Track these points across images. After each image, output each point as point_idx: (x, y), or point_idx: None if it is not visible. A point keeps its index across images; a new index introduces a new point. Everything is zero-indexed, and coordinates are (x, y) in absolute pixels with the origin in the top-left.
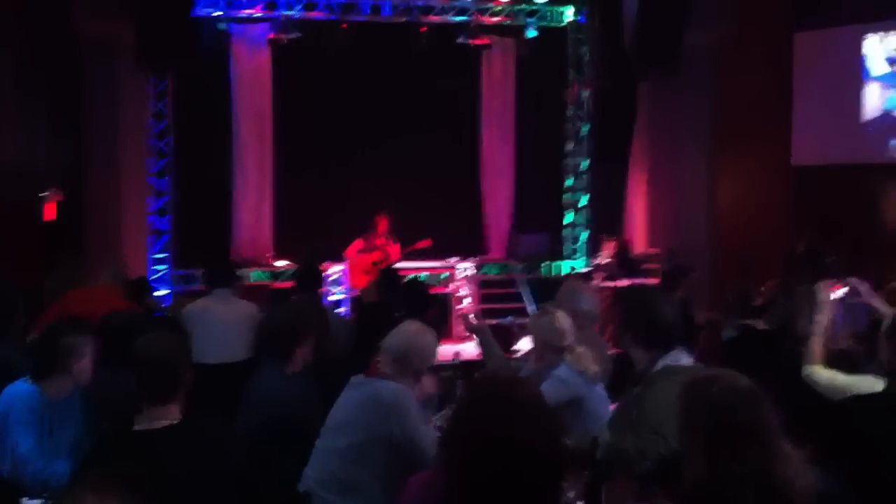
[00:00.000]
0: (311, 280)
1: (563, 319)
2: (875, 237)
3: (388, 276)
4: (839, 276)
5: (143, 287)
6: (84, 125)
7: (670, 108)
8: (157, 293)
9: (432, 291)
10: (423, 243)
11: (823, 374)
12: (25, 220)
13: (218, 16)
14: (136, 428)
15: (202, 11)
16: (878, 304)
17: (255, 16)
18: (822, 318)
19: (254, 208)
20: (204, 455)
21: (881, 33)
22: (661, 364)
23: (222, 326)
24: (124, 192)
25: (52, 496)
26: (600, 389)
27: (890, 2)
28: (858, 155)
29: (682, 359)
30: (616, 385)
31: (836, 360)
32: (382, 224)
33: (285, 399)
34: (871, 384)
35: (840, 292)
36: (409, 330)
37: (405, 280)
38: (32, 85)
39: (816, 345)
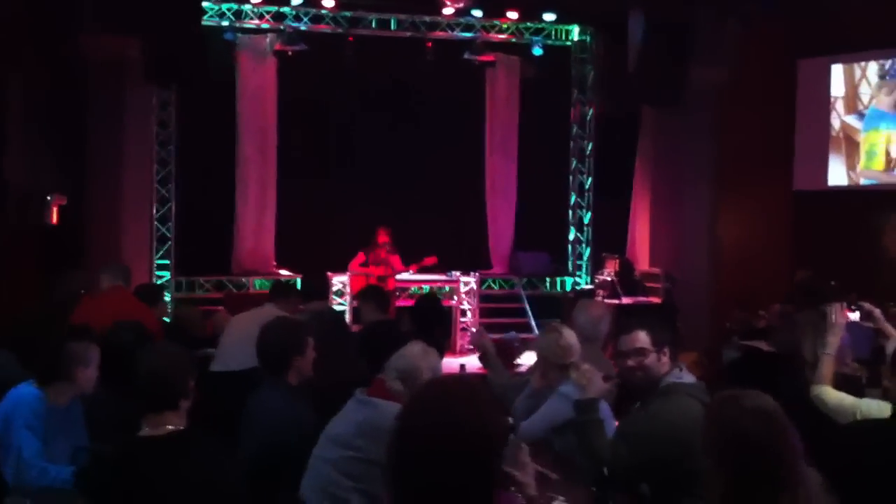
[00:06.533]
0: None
1: (568, 337)
2: (877, 262)
3: (377, 294)
4: (846, 301)
5: (155, 293)
6: (88, 137)
7: (674, 135)
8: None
9: None
10: (429, 260)
11: (832, 396)
12: (31, 231)
13: (225, 26)
14: (135, 437)
15: (209, 21)
16: (890, 329)
17: (262, 27)
18: (834, 340)
19: (256, 218)
20: (193, 467)
21: (881, 61)
22: (665, 381)
23: (238, 336)
24: (126, 199)
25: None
26: (605, 407)
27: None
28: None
29: (685, 377)
30: (620, 402)
31: (839, 382)
32: (383, 236)
33: (281, 420)
34: (880, 408)
35: (853, 315)
36: (415, 351)
37: (420, 296)
38: (39, 100)
39: (827, 366)
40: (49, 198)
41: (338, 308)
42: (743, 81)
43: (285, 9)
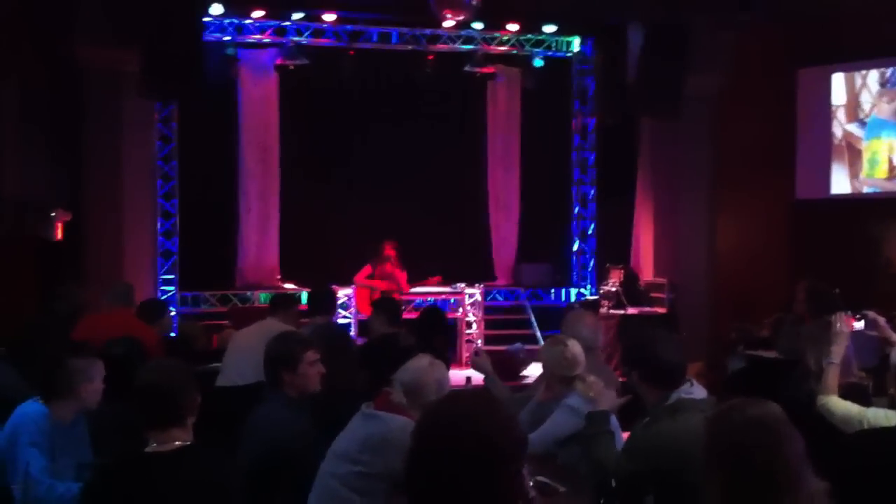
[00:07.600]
0: (323, 304)
1: (573, 348)
2: (878, 270)
3: (390, 307)
4: (849, 310)
5: (157, 309)
6: (86, 149)
7: (674, 145)
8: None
9: None
10: (433, 280)
11: (839, 405)
12: (28, 244)
13: (226, 41)
14: (141, 452)
15: (210, 36)
16: (895, 337)
17: (263, 41)
18: (839, 350)
19: (259, 232)
20: (198, 483)
21: (882, 69)
22: (674, 397)
23: (241, 350)
24: (127, 214)
25: None
26: (611, 418)
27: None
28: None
29: (696, 392)
30: (626, 414)
31: (845, 392)
32: (390, 251)
33: (283, 429)
34: (887, 417)
35: (858, 324)
36: (422, 364)
37: (424, 308)
38: (35, 111)
39: (832, 376)
40: (53, 214)
41: (342, 321)
42: (741, 88)
43: (286, 23)
